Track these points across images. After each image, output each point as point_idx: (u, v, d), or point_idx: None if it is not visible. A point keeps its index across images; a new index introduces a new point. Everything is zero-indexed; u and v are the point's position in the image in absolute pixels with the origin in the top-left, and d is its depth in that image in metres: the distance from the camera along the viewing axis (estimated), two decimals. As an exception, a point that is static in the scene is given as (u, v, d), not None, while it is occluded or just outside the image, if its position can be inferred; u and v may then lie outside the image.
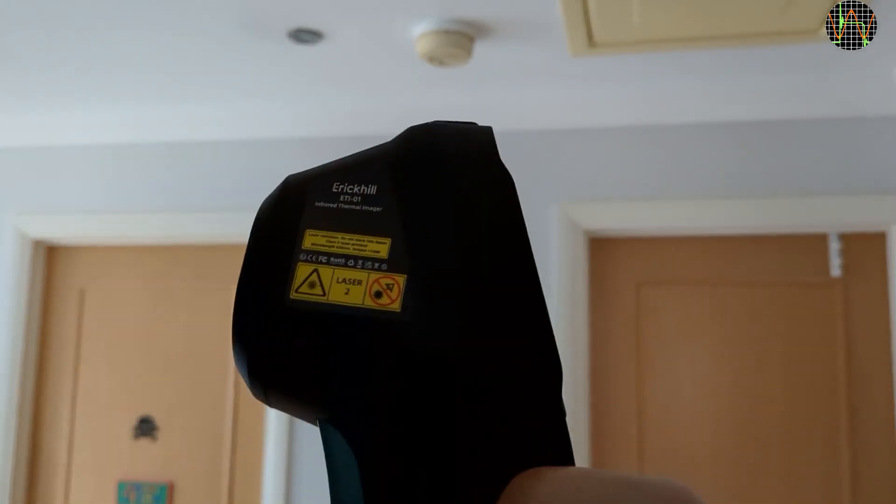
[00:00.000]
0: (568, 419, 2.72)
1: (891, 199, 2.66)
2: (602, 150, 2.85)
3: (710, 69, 2.61)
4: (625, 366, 2.82)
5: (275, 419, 2.90)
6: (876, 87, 2.65)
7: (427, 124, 0.44)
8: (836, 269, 2.73)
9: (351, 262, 0.39)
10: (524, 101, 2.86)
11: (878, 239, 2.72)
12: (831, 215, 2.70)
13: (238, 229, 3.06)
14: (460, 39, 2.33)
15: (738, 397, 2.74)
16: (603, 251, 2.87)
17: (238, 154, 3.07)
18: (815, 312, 2.74)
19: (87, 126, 3.13)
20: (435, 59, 2.38)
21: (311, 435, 2.88)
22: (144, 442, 3.05)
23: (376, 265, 0.39)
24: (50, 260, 3.22)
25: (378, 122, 2.96)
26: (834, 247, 2.73)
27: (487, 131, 0.43)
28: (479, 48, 2.42)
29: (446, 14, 2.26)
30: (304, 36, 2.39)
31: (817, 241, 2.76)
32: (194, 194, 3.08)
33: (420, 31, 2.34)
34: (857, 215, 2.69)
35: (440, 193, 0.41)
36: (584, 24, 2.22)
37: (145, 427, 3.05)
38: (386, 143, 0.43)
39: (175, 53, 2.55)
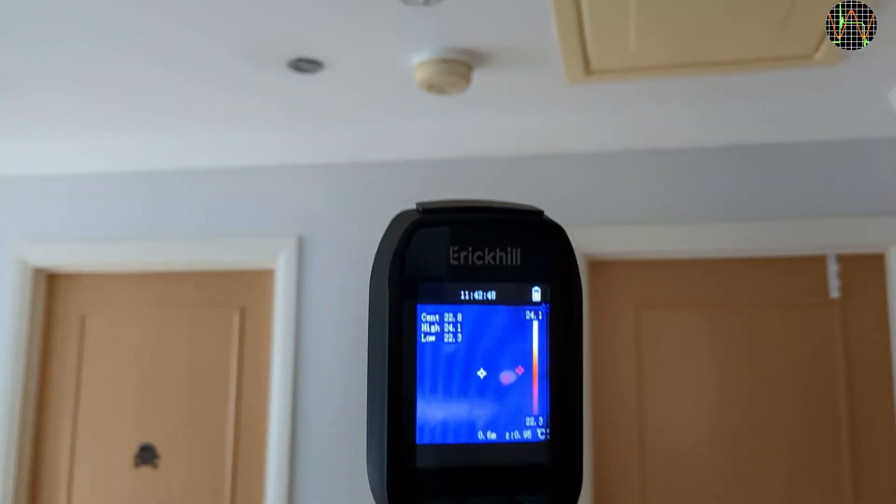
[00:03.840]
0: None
1: (889, 221, 2.67)
2: (601, 175, 2.86)
3: (706, 94, 2.63)
4: (626, 388, 2.82)
5: (276, 448, 2.89)
6: (872, 110, 2.67)
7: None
8: (835, 291, 2.73)
9: None
10: (523, 127, 2.88)
11: (877, 260, 2.74)
12: (829, 237, 2.71)
13: (238, 256, 3.07)
14: (458, 68, 2.35)
15: (739, 419, 2.74)
16: (602, 274, 2.88)
17: (239, 181, 3.08)
18: (814, 334, 2.75)
19: (87, 154, 3.14)
20: (434, 87, 2.40)
21: (313, 464, 2.88)
22: (146, 470, 3.04)
23: None
24: (50, 287, 3.23)
25: (378, 150, 2.98)
26: (832, 268, 2.74)
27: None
28: (478, 76, 2.44)
29: (444, 43, 2.28)
30: (304, 65, 2.41)
31: (816, 263, 2.77)
32: (194, 221, 3.09)
33: (419, 60, 2.36)
34: (856, 237, 2.70)
35: None
36: (581, 52, 2.24)
37: (146, 455, 3.04)
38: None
39: (176, 81, 2.57)
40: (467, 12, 2.09)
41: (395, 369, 0.47)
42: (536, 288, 0.50)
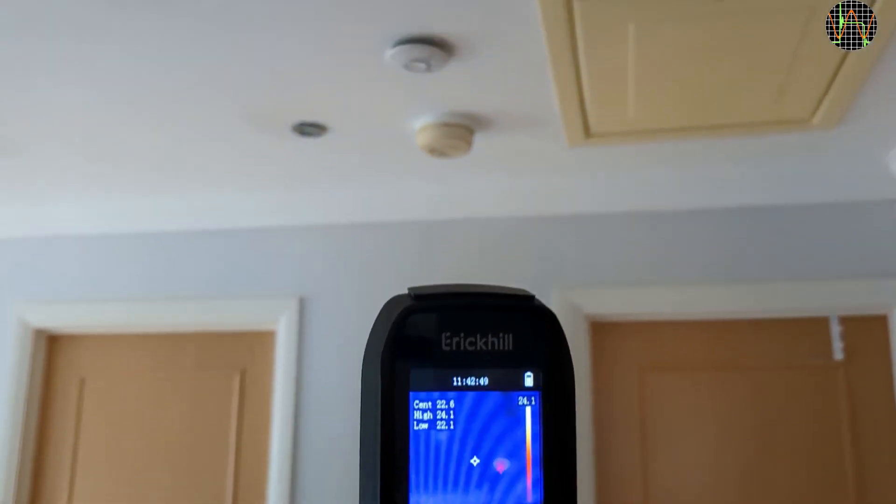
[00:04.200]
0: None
1: (890, 283, 2.67)
2: (602, 236, 2.87)
3: (708, 156, 2.66)
4: (629, 451, 2.79)
5: (275, 511, 2.85)
6: (870, 172, 2.69)
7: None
8: (838, 353, 2.72)
9: None
10: (524, 189, 2.89)
11: (880, 321, 2.73)
12: (831, 299, 2.71)
13: (239, 318, 3.06)
14: (460, 131, 2.38)
15: (744, 482, 2.70)
16: (605, 336, 2.87)
17: (240, 243, 3.09)
18: (819, 396, 2.72)
19: (88, 216, 3.16)
20: (436, 150, 2.43)
21: (312, 526, 2.83)
22: (142, 535, 2.99)
23: None
24: (51, 349, 3.21)
25: (379, 211, 3.00)
26: (835, 330, 2.73)
27: None
28: (479, 139, 2.47)
29: (446, 108, 2.31)
30: (307, 129, 2.44)
31: (819, 325, 2.76)
32: (195, 283, 3.09)
33: (420, 124, 2.39)
34: (857, 299, 2.70)
35: None
36: (581, 117, 2.27)
37: (144, 520, 2.99)
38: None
39: (179, 145, 2.60)
40: (469, 78, 2.12)
41: (388, 457, 0.47)
42: (529, 373, 0.50)
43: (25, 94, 2.25)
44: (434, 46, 1.94)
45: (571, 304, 2.81)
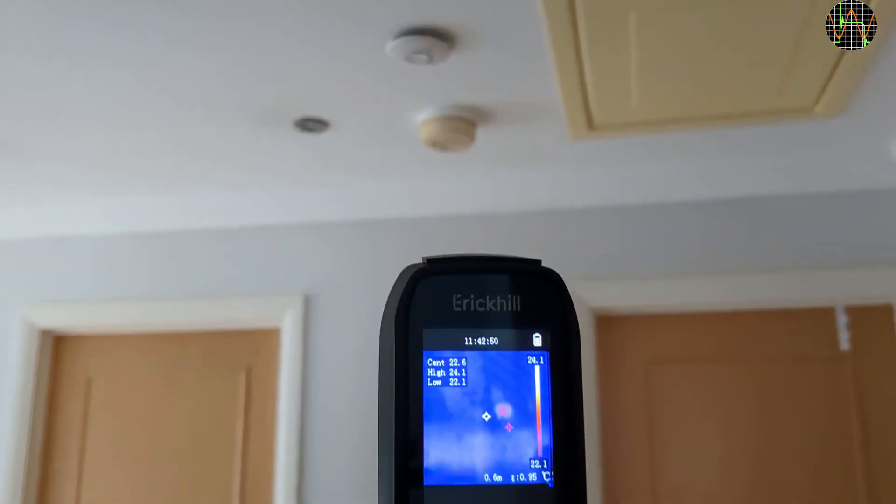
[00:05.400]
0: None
1: (895, 272, 2.66)
2: (606, 229, 2.87)
3: (711, 148, 2.65)
4: (637, 443, 2.78)
5: (283, 508, 2.85)
6: (875, 161, 2.69)
7: None
8: (844, 343, 2.71)
9: None
10: (527, 183, 2.89)
11: (886, 311, 2.72)
12: (837, 289, 2.70)
13: (245, 315, 3.06)
14: (462, 125, 2.38)
15: (751, 473, 2.69)
16: (610, 329, 2.87)
17: (244, 241, 3.09)
18: (826, 386, 2.72)
19: (93, 216, 3.16)
20: (438, 144, 2.43)
21: (319, 523, 2.83)
22: (150, 534, 2.99)
23: None
24: (57, 349, 3.22)
25: (383, 207, 3.00)
26: (842, 320, 2.73)
27: None
28: (482, 133, 2.47)
29: (449, 101, 2.31)
30: (310, 125, 2.44)
31: (825, 315, 2.75)
32: (200, 282, 3.09)
33: (423, 118, 2.39)
34: (863, 288, 2.69)
35: None
36: (584, 108, 2.27)
37: (151, 518, 3.00)
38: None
39: (181, 144, 2.60)
40: (470, 70, 2.12)
41: (403, 412, 0.49)
42: (537, 333, 0.52)
43: (28, 92, 2.25)
44: (435, 38, 1.94)
45: (576, 298, 2.80)
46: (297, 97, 2.29)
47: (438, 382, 0.50)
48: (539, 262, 0.53)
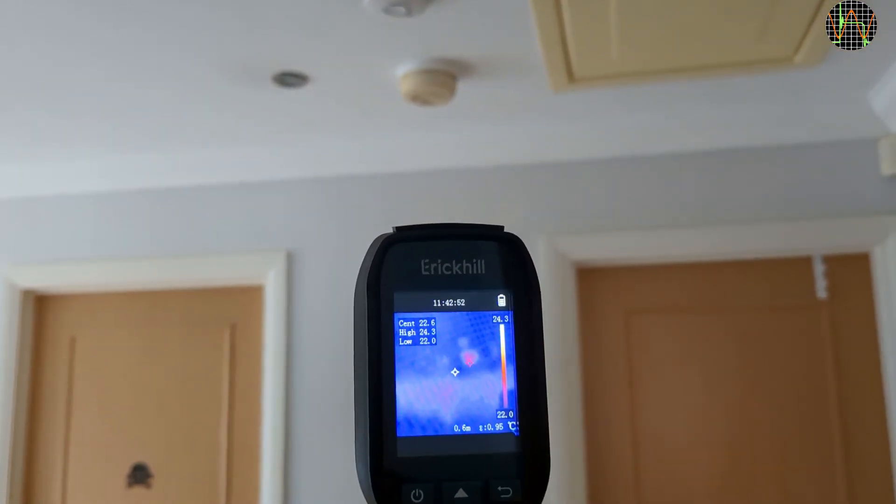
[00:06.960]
0: (564, 450, 2.72)
1: (872, 221, 2.69)
2: (586, 182, 2.88)
3: (689, 100, 2.66)
4: (617, 393, 2.83)
5: (269, 463, 2.88)
6: (853, 111, 2.70)
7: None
8: (821, 291, 2.75)
9: None
10: (508, 137, 2.89)
11: (863, 260, 2.76)
12: (814, 238, 2.73)
13: (226, 273, 3.06)
14: (443, 78, 2.37)
15: (730, 420, 2.75)
16: (590, 281, 2.89)
17: (226, 198, 3.08)
18: (802, 335, 2.76)
19: (73, 175, 3.14)
20: (418, 98, 2.41)
21: (307, 479, 2.87)
22: (139, 490, 3.02)
23: None
24: (39, 309, 3.21)
25: (365, 162, 2.99)
26: (819, 269, 2.76)
27: None
28: (462, 86, 2.46)
29: (428, 54, 2.30)
30: (288, 79, 2.42)
31: (802, 265, 2.79)
32: (182, 240, 3.09)
33: (403, 72, 2.37)
34: (840, 237, 2.72)
35: None
36: (564, 60, 2.26)
37: (139, 475, 3.03)
38: None
39: (160, 101, 2.58)
40: (450, 22, 2.10)
41: (376, 369, 0.53)
42: (501, 294, 0.55)
43: (4, 50, 2.21)
44: (413, -10, 1.92)
45: (558, 251, 2.82)
46: (276, 51, 2.27)
47: (409, 342, 0.54)
48: (502, 227, 0.57)
